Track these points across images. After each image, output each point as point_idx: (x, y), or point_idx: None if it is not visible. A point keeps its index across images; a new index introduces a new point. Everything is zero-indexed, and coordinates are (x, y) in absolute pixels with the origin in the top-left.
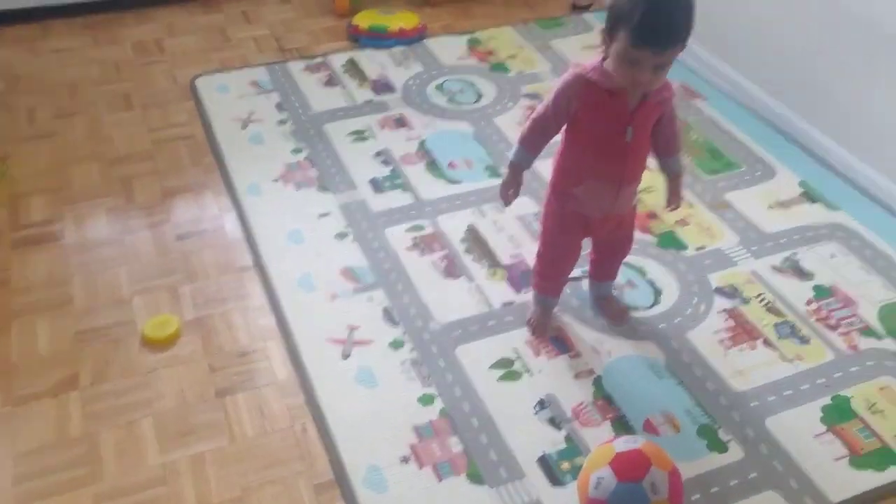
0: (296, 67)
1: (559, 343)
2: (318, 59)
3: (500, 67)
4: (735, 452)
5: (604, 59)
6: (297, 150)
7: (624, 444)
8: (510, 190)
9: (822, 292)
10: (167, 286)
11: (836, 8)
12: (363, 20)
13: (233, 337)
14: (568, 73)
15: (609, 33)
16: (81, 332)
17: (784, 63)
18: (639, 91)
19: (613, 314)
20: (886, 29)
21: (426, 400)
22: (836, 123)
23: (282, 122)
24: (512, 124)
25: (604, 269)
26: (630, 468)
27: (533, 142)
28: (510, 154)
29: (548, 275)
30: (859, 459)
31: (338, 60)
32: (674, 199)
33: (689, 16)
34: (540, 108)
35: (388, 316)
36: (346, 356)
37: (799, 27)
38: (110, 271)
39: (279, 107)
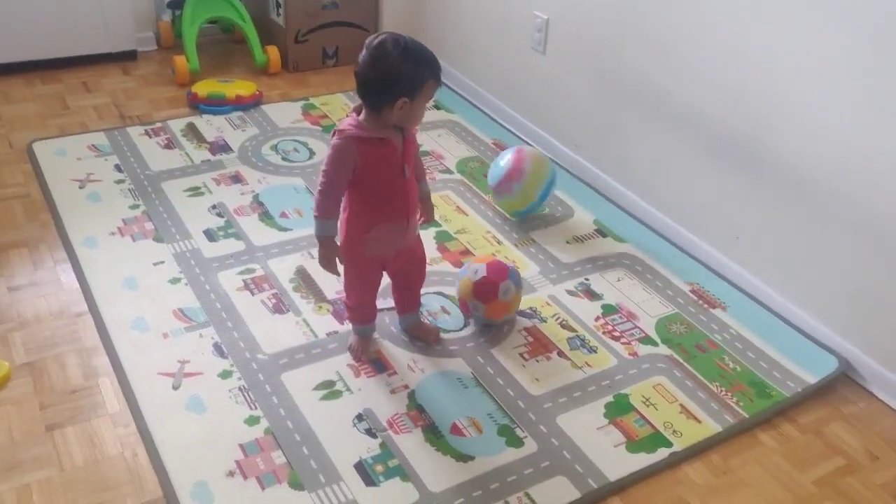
0: (135, 132)
1: (378, 364)
2: (158, 125)
3: (331, 129)
4: (530, 446)
5: (357, 115)
6: (134, 206)
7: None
8: (335, 262)
9: (608, 309)
10: None
11: (611, 78)
12: (202, 88)
13: (65, 377)
14: (338, 140)
15: (398, 94)
16: None
17: (578, 120)
18: (404, 131)
19: (427, 336)
20: (651, 90)
21: (252, 421)
22: (621, 169)
23: (120, 181)
24: None
25: (407, 300)
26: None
27: (329, 209)
28: (316, 231)
29: (356, 307)
30: (634, 444)
31: (177, 125)
32: (428, 216)
33: None
34: (323, 179)
35: (218, 349)
36: (176, 387)
37: (588, 89)
38: None
39: (118, 168)
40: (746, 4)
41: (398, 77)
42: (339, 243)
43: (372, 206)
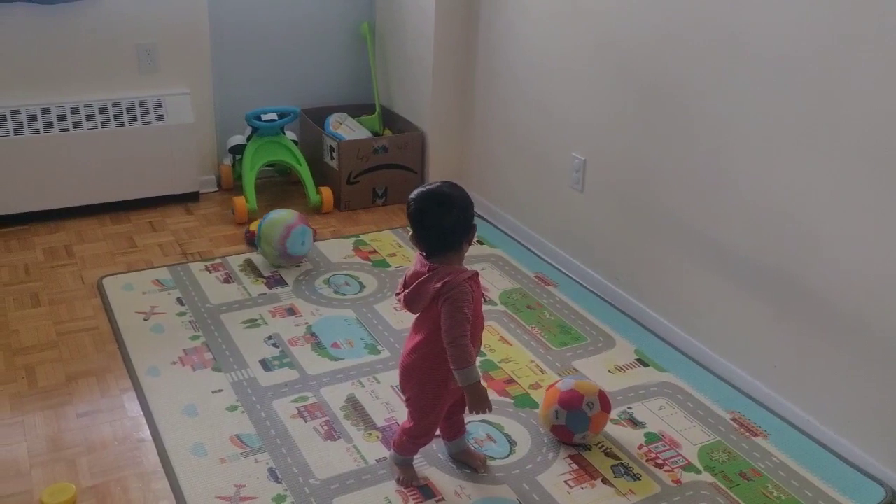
0: (196, 268)
1: (425, 490)
2: (218, 261)
3: (381, 263)
4: None
5: (427, 261)
6: (195, 337)
7: (563, 385)
8: (488, 400)
9: (651, 437)
10: (66, 458)
11: (647, 214)
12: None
13: (127, 499)
14: (462, 287)
15: (471, 225)
16: None
17: (617, 254)
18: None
19: (474, 463)
20: (686, 224)
21: None
22: (660, 301)
23: (181, 314)
24: (390, 310)
25: (453, 426)
26: (571, 401)
27: (473, 355)
28: (468, 380)
29: (419, 436)
30: None
31: (235, 261)
32: None
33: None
34: (461, 328)
35: (273, 475)
36: None
37: (626, 225)
38: (10, 448)
39: (180, 301)
40: (776, 146)
41: (469, 209)
42: (425, 373)
43: (471, 338)
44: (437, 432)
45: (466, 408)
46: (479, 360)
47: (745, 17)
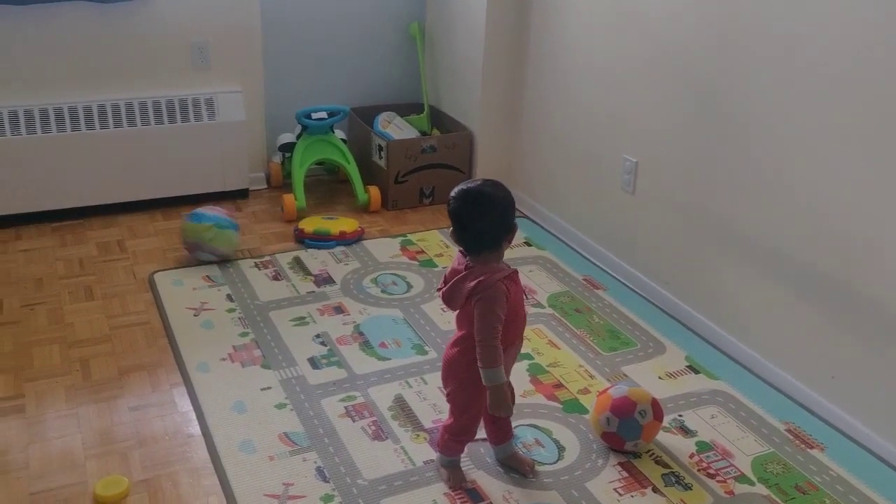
0: (246, 264)
1: (473, 494)
2: (267, 258)
3: (428, 263)
4: None
5: (466, 260)
6: (244, 334)
7: (616, 391)
8: (509, 403)
9: (703, 446)
10: (119, 451)
11: (700, 217)
12: (308, 224)
13: (178, 494)
14: (496, 287)
15: (512, 223)
16: (36, 493)
17: (668, 258)
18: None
19: (522, 467)
20: (740, 230)
21: None
22: (712, 307)
23: (231, 310)
24: (437, 310)
25: (500, 430)
26: (623, 408)
27: (501, 356)
28: (493, 380)
29: (460, 434)
30: None
31: (284, 259)
32: None
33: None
34: (493, 328)
35: (321, 474)
36: None
37: (678, 228)
38: (66, 439)
39: (229, 297)
40: (835, 153)
41: (510, 209)
42: (464, 368)
43: (506, 334)
44: (485, 436)
45: (489, 410)
46: (526, 363)
47: (804, 24)
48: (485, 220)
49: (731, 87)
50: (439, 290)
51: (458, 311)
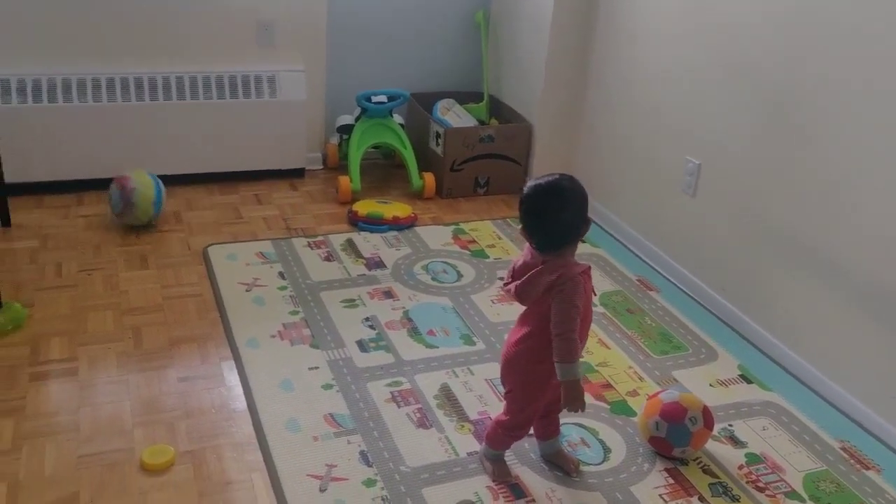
0: (299, 243)
1: (516, 489)
2: (320, 238)
3: (480, 254)
4: None
5: (562, 250)
6: (294, 312)
7: (667, 396)
8: (583, 399)
9: (753, 458)
10: (166, 420)
11: (761, 224)
12: (362, 207)
13: (221, 468)
14: (574, 281)
15: (586, 219)
16: (84, 456)
17: (726, 263)
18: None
19: (567, 465)
20: (801, 240)
21: None
22: (768, 316)
23: (282, 287)
24: (487, 301)
25: (548, 426)
26: (674, 413)
27: (579, 350)
28: (570, 375)
29: (513, 429)
30: None
31: (337, 240)
32: None
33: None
34: (571, 322)
35: (364, 458)
36: (323, 490)
37: (737, 234)
38: (115, 405)
39: (281, 275)
40: None
41: (586, 203)
42: (528, 366)
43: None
44: (531, 431)
45: (562, 406)
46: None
47: (880, 38)
48: (567, 213)
49: (803, 95)
50: (506, 284)
51: (525, 308)
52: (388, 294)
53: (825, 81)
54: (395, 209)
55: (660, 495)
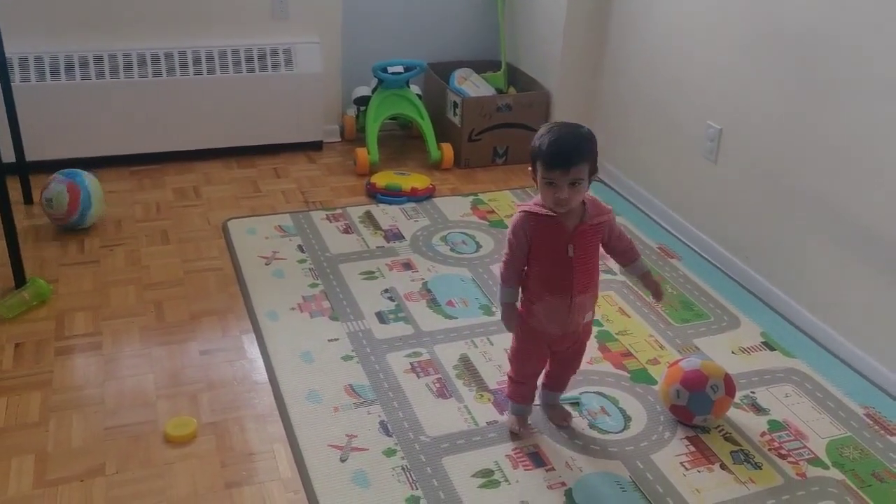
0: (317, 216)
1: (536, 458)
2: (338, 211)
3: (498, 224)
4: None
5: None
6: (313, 285)
7: (687, 364)
8: (514, 321)
9: (775, 426)
10: (189, 393)
11: (786, 189)
12: (380, 179)
13: (244, 439)
14: (516, 215)
15: (533, 170)
16: (110, 428)
17: (748, 230)
18: (570, 212)
19: (558, 419)
20: (825, 205)
21: (412, 501)
22: (792, 282)
23: (302, 260)
24: None
25: (557, 381)
26: (695, 381)
27: (511, 278)
28: (501, 296)
29: (516, 381)
30: None
31: (355, 212)
32: (654, 292)
33: (585, 141)
34: (506, 249)
35: (384, 428)
36: (343, 460)
37: (761, 200)
38: (139, 378)
39: (300, 248)
40: None
41: (532, 152)
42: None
43: (538, 280)
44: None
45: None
46: (595, 329)
47: None
48: (590, 147)
49: (828, 58)
50: None
51: None
52: (407, 266)
53: (850, 41)
54: (414, 180)
55: (681, 463)
